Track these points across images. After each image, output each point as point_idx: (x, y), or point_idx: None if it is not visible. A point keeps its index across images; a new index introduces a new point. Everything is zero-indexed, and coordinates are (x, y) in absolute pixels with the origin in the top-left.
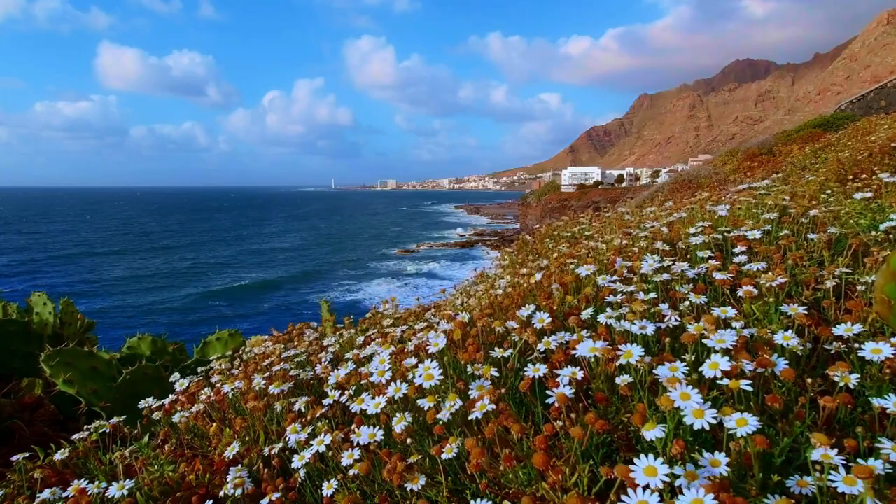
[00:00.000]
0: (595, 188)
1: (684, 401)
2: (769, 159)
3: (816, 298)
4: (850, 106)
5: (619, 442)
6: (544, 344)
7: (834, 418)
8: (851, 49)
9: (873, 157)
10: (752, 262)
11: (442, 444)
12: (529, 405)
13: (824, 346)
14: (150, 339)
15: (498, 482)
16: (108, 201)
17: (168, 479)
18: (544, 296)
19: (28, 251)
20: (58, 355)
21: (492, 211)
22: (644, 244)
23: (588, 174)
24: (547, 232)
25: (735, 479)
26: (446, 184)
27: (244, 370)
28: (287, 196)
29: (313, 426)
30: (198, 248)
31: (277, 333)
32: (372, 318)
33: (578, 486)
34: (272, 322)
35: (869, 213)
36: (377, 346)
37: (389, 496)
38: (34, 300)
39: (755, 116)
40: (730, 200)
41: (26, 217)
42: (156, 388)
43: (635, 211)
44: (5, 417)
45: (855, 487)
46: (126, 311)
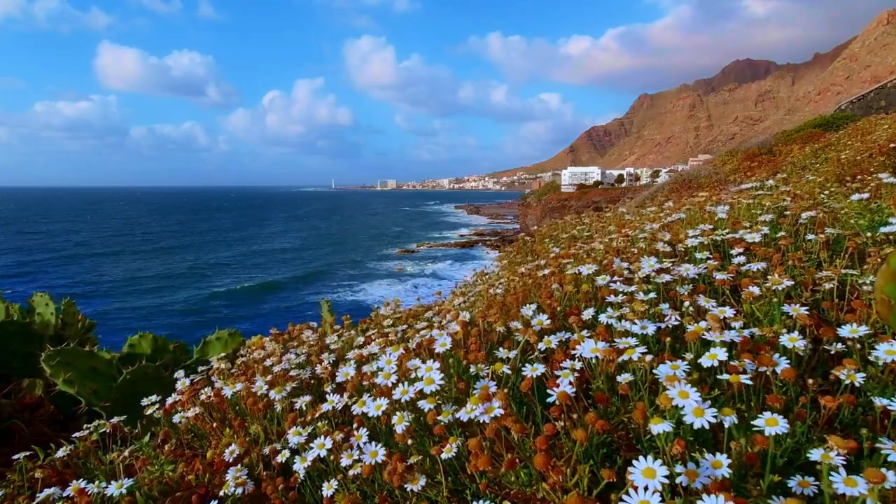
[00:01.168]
0: (595, 188)
1: (683, 398)
2: (769, 159)
3: (815, 299)
4: (850, 106)
5: (619, 442)
6: (545, 343)
7: (836, 419)
8: (851, 49)
9: (873, 157)
10: (750, 262)
11: (442, 444)
12: (530, 405)
13: (824, 346)
14: (151, 337)
15: (498, 482)
16: (108, 201)
17: (168, 478)
18: (546, 294)
19: (28, 252)
20: (58, 355)
21: (492, 211)
22: (644, 245)
23: (588, 174)
24: (547, 232)
25: (736, 479)
26: (446, 184)
27: (244, 370)
28: (287, 196)
29: (313, 426)
30: (198, 249)
31: (277, 333)
32: (371, 318)
33: (579, 487)
34: (272, 322)
35: (868, 214)
36: (376, 347)
37: (390, 496)
38: (36, 300)
39: (755, 116)
40: (730, 201)
41: (26, 217)
42: (156, 388)
43: (635, 211)
44: (5, 417)
45: (855, 489)
46: (125, 313)
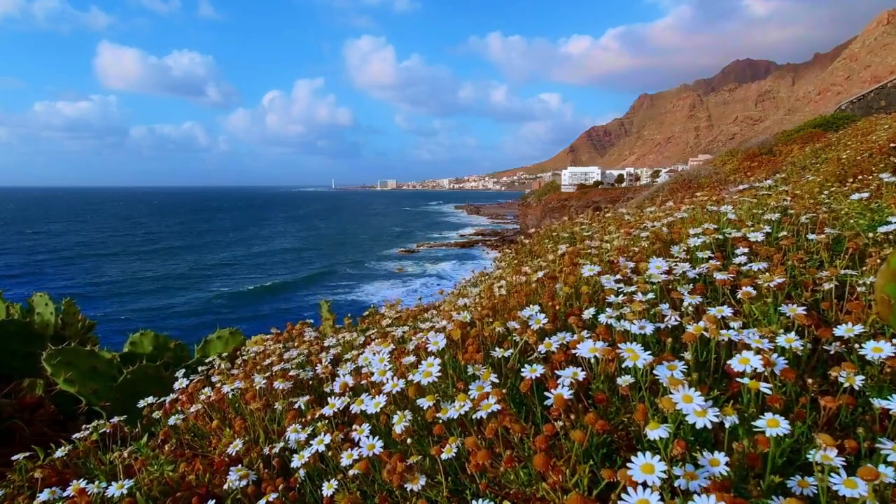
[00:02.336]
0: (595, 188)
1: (687, 403)
2: (769, 159)
3: (815, 300)
4: (850, 106)
5: (619, 442)
6: (545, 345)
7: (835, 419)
8: (851, 49)
9: (873, 157)
10: (752, 262)
11: (442, 444)
12: (530, 405)
13: (824, 346)
14: (152, 335)
15: (498, 482)
16: (109, 202)
17: (168, 478)
18: (548, 295)
19: (29, 252)
20: (59, 354)
21: (492, 211)
22: (645, 244)
23: (588, 174)
24: (546, 233)
25: (737, 479)
26: (446, 184)
27: (244, 370)
28: (287, 196)
29: (313, 426)
30: (198, 250)
31: (277, 332)
32: (371, 318)
33: (579, 487)
34: (273, 322)
35: (868, 214)
36: (377, 346)
37: (389, 496)
38: (36, 300)
39: (755, 116)
40: (730, 201)
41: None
42: (156, 388)
43: (635, 211)
44: (5, 417)
45: (855, 490)
46: (126, 313)
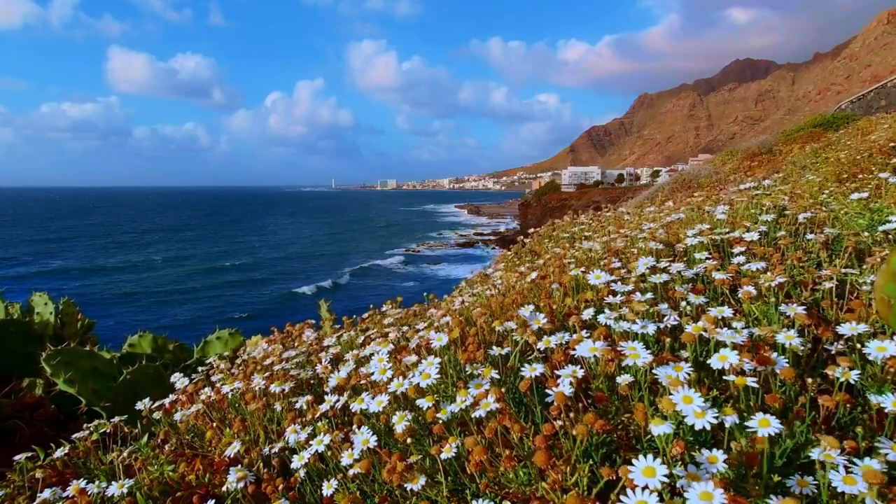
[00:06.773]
0: (595, 188)
1: (687, 404)
2: (769, 159)
3: (815, 299)
4: (850, 105)
5: (619, 442)
6: (544, 343)
7: (833, 418)
8: (851, 49)
9: (873, 157)
10: (750, 262)
11: (442, 443)
12: (529, 405)
13: (824, 346)
14: (151, 336)
15: (498, 482)
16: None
17: (168, 478)
18: (545, 295)
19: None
20: (59, 355)
21: (492, 211)
22: (643, 245)
23: (588, 174)
24: (546, 233)
25: (736, 479)
26: (446, 184)
27: (244, 370)
28: (288, 196)
29: (313, 426)
30: (198, 250)
31: (277, 332)
32: (370, 318)
33: (578, 486)
34: (273, 322)
35: (867, 213)
36: (377, 346)
37: (389, 496)
38: (35, 300)
39: (755, 116)
40: (728, 201)
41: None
42: (156, 388)
43: (635, 211)
44: (5, 417)
45: (855, 487)
46: (126, 315)
